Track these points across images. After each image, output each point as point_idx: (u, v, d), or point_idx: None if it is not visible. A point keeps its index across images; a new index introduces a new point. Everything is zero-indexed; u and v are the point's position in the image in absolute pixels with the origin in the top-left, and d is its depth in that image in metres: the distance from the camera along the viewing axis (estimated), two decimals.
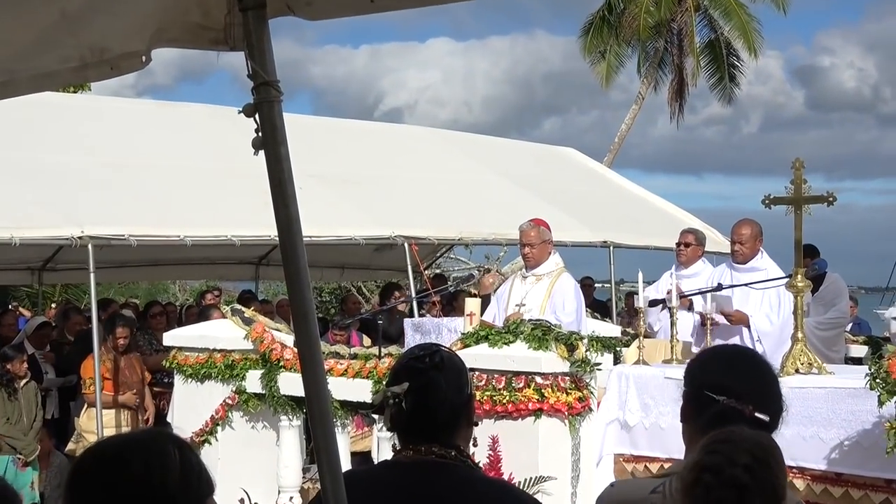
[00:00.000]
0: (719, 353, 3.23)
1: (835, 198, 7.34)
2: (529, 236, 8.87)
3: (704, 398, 2.93)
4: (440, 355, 3.07)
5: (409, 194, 14.42)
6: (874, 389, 6.18)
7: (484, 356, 7.51)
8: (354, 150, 15.56)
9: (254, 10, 2.98)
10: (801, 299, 7.44)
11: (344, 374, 8.31)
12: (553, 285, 8.75)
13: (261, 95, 3.04)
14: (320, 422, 3.26)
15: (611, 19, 29.42)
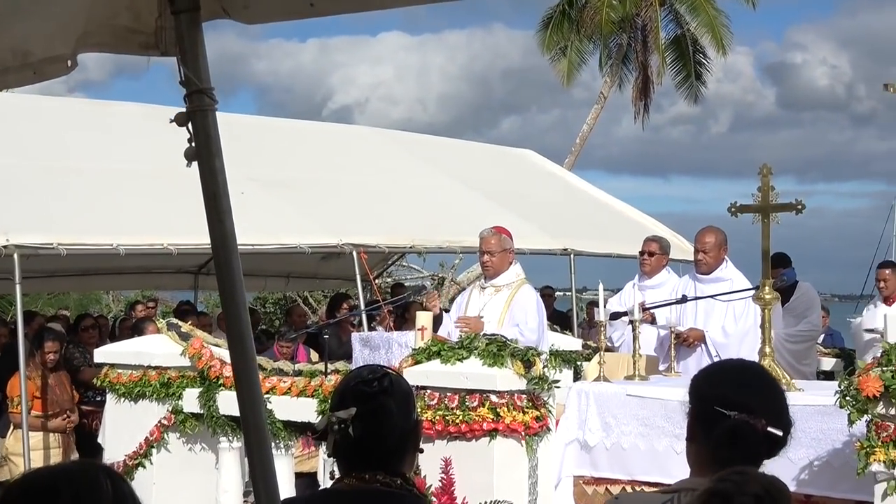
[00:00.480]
0: (727, 367, 3.26)
1: (803, 206, 7.42)
2: (490, 244, 8.88)
3: (714, 414, 2.94)
4: (389, 378, 3.07)
5: (358, 199, 14.38)
6: (844, 408, 6.25)
7: (436, 373, 7.52)
8: (300, 152, 15.52)
9: (186, 14, 2.97)
10: (768, 312, 7.51)
11: (287, 393, 8.29)
12: (512, 297, 8.76)
13: (194, 104, 3.03)
14: (257, 450, 3.26)
15: (571, 14, 29.51)
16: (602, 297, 8.75)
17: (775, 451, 2.98)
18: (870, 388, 6.08)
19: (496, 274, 8.89)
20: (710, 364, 3.23)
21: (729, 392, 2.99)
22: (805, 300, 11.02)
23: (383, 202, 14.59)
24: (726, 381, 3.06)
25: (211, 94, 2.98)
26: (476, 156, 18.64)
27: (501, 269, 8.88)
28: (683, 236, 16.72)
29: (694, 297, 8.80)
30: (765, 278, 7.54)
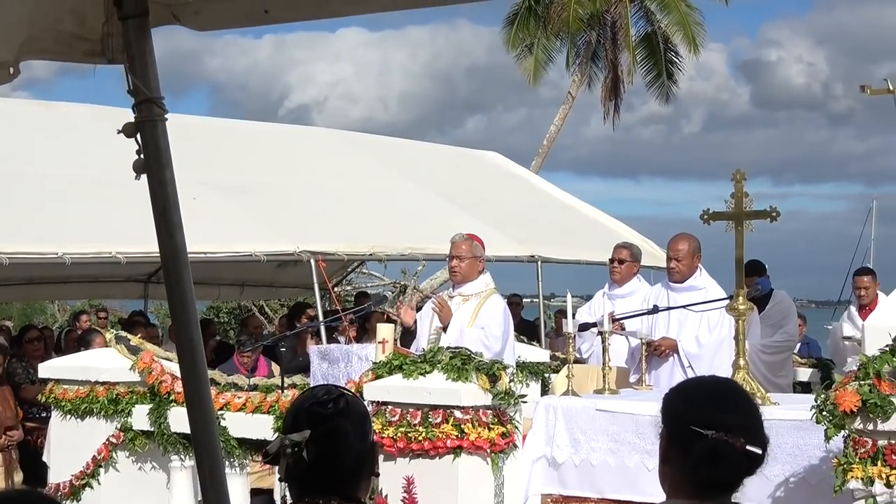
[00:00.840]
0: (700, 384, 3.23)
1: (778, 213, 7.48)
2: (460, 248, 8.90)
3: (690, 435, 2.94)
4: (345, 399, 3.07)
5: (315, 205, 14.37)
6: (820, 423, 6.29)
7: (398, 388, 7.52)
8: (255, 154, 15.48)
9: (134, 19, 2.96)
10: (742, 323, 7.55)
11: (242, 409, 8.26)
12: (480, 307, 8.77)
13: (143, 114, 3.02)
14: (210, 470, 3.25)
15: (538, 10, 29.59)
16: (570, 308, 8.77)
17: (754, 469, 2.99)
18: (847, 402, 6.13)
19: (464, 281, 8.90)
20: (683, 381, 3.22)
21: (705, 411, 2.98)
22: (781, 309, 11.10)
23: (342, 207, 14.57)
24: (701, 400, 3.05)
25: (161, 104, 2.97)
26: (439, 158, 18.66)
27: (470, 276, 8.88)
28: (655, 242, 16.82)
29: (666, 308, 8.84)
30: (739, 288, 7.58)
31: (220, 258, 12.49)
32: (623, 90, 30.82)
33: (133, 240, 11.36)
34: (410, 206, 15.36)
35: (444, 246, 9.30)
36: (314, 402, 3.07)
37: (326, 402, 3.04)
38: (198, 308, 12.70)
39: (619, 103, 30.86)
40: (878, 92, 7.56)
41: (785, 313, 11.15)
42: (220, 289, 18.05)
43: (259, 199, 13.90)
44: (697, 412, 2.98)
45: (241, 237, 12.67)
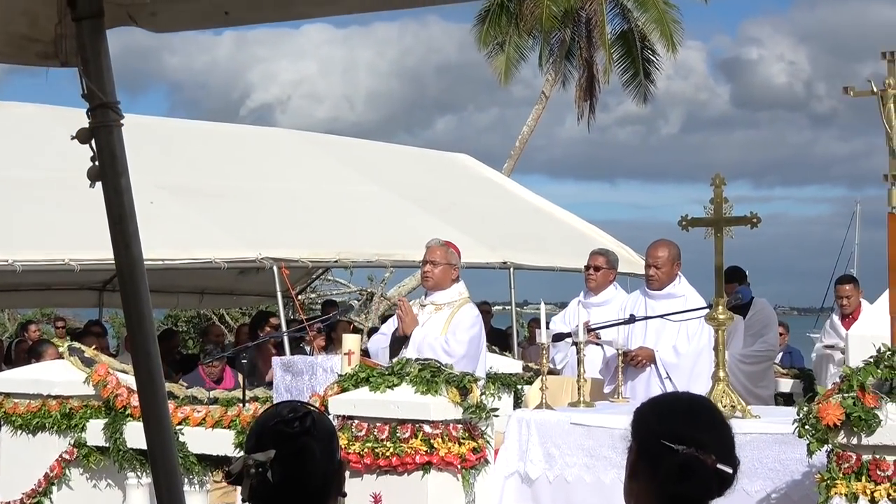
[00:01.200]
0: (673, 399, 3.26)
1: (758, 219, 7.51)
2: (434, 253, 8.90)
3: (661, 449, 2.95)
4: (311, 418, 3.06)
5: (278, 209, 14.34)
6: (803, 437, 6.32)
7: (364, 402, 7.51)
8: (215, 157, 15.44)
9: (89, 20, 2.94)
10: (722, 334, 7.58)
11: (201, 424, 8.24)
12: (453, 317, 8.78)
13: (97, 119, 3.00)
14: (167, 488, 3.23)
15: (510, 6, 29.64)
16: (543, 317, 8.78)
17: (723, 490, 3.00)
18: (830, 416, 6.15)
19: (436, 287, 8.90)
20: (656, 396, 3.24)
21: (677, 426, 3.00)
22: (761, 318, 11.15)
23: (306, 212, 14.55)
24: (674, 414, 3.07)
25: (116, 109, 2.96)
26: (407, 161, 18.66)
27: (442, 283, 8.89)
28: (632, 247, 16.87)
29: (643, 317, 8.86)
30: (718, 297, 7.61)
31: (179, 265, 12.45)
32: (598, 90, 30.91)
33: (87, 246, 11.31)
34: (377, 210, 15.34)
35: (413, 252, 9.32)
36: (279, 420, 3.05)
37: (292, 421, 3.03)
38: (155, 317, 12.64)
39: (594, 103, 30.95)
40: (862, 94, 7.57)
41: (765, 322, 11.21)
42: (179, 297, 18.01)
43: (219, 204, 13.87)
44: (669, 426, 3.00)
45: (200, 243, 12.63)
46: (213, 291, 18.11)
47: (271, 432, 3.04)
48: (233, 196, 14.27)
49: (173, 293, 17.35)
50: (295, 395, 8.67)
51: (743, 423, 7.24)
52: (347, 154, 17.56)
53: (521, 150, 29.71)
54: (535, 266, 15.95)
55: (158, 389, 3.16)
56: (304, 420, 3.04)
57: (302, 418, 3.04)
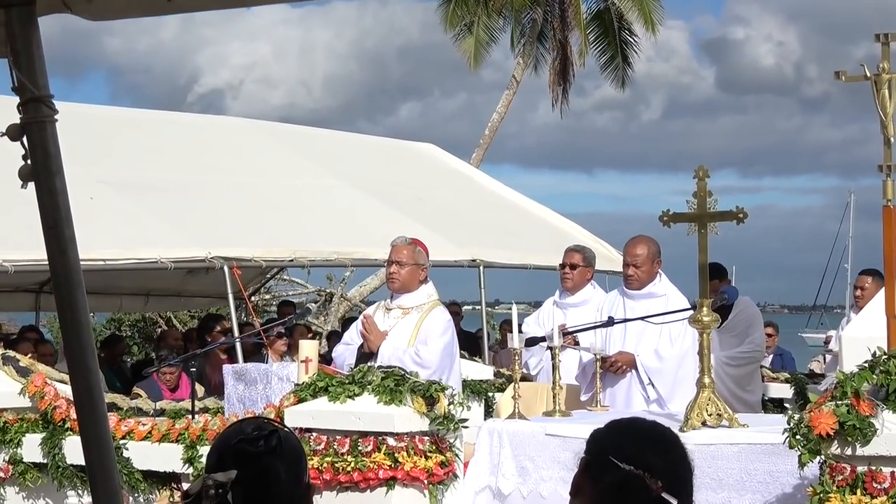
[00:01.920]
0: (634, 420, 3.30)
1: (745, 214, 7.54)
2: (401, 253, 8.87)
3: (606, 464, 3.01)
4: (277, 437, 3.04)
5: (229, 204, 14.30)
6: (794, 448, 6.34)
7: (323, 413, 7.50)
8: (160, 148, 15.38)
9: (18, 7, 2.92)
10: (707, 337, 7.60)
11: (147, 438, 8.22)
12: (422, 322, 8.75)
13: (29, 114, 2.98)
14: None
15: None
16: (515, 320, 8.79)
17: None
18: (822, 425, 6.17)
19: (402, 289, 8.88)
20: (620, 418, 3.27)
21: (630, 446, 3.06)
22: (745, 317, 11.18)
23: (260, 207, 14.52)
24: (629, 435, 3.13)
25: (50, 104, 2.94)
26: (369, 151, 18.65)
27: (410, 285, 8.87)
28: (611, 243, 16.92)
29: (622, 320, 8.87)
30: (703, 297, 7.63)
31: (122, 265, 12.39)
32: (573, 73, 30.93)
33: (22, 246, 11.23)
34: (336, 205, 15.33)
35: (375, 250, 9.32)
36: (242, 438, 3.03)
37: (256, 440, 3.02)
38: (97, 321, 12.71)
39: (568, 88, 30.96)
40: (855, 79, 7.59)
41: (750, 321, 11.24)
42: (122, 299, 17.93)
43: (165, 199, 13.81)
44: (621, 445, 3.07)
45: (145, 241, 12.58)
46: (159, 293, 18.03)
47: (233, 451, 3.02)
48: (180, 191, 14.22)
49: (116, 296, 17.28)
50: (248, 406, 8.67)
51: (730, 432, 7.27)
52: (304, 144, 17.53)
53: (491, 139, 29.69)
54: (506, 264, 15.97)
55: (98, 405, 3.15)
56: (269, 439, 3.02)
57: (267, 437, 3.02)
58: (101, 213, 12.04)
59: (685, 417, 7.41)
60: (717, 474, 6.94)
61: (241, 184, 15.07)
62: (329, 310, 25.30)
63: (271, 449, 3.01)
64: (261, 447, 3.00)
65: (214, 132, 16.94)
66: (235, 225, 13.78)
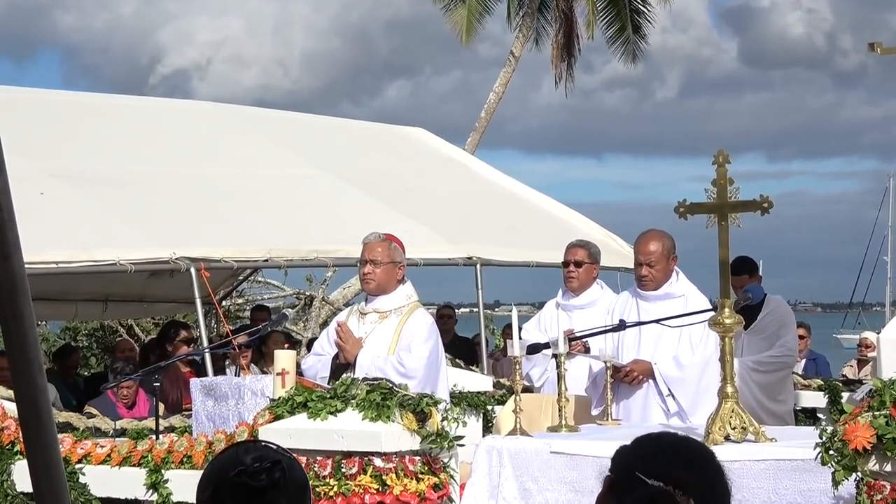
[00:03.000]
0: (661, 435, 3.34)
1: (770, 203, 7.53)
2: (375, 251, 8.88)
3: (633, 481, 3.02)
4: (280, 468, 3.00)
5: (196, 199, 14.29)
6: (827, 464, 6.34)
7: (303, 431, 7.49)
8: (119, 137, 15.36)
9: None
10: (729, 341, 7.60)
11: (106, 461, 8.21)
12: (402, 326, 8.76)
13: None
14: None
15: None
16: (516, 324, 8.78)
17: None
18: (858, 439, 6.18)
19: (379, 291, 8.90)
20: (648, 433, 3.29)
21: (658, 461, 3.08)
22: (776, 318, 11.19)
23: (230, 202, 14.51)
24: (655, 449, 3.15)
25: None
26: (352, 137, 18.62)
27: (387, 286, 8.88)
28: (623, 237, 16.91)
29: (635, 323, 8.88)
30: (724, 297, 7.63)
31: (77, 268, 12.36)
32: (579, 47, 30.88)
33: None
34: (316, 198, 15.32)
35: (359, 247, 9.29)
36: (242, 470, 2.98)
37: (258, 473, 2.96)
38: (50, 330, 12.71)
39: (573, 64, 30.91)
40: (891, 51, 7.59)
41: (781, 322, 11.25)
42: (78, 306, 17.90)
43: (125, 194, 13.80)
44: (649, 461, 3.09)
45: (102, 241, 12.55)
46: (118, 299, 17.99)
47: (231, 485, 2.97)
48: (141, 184, 14.20)
49: (71, 302, 17.26)
50: (219, 424, 8.66)
51: (756, 448, 7.28)
52: (280, 130, 17.51)
53: (488, 122, 29.65)
54: (506, 261, 15.95)
55: (46, 427, 3.13)
56: (272, 471, 2.98)
57: (269, 469, 2.97)
58: (53, 209, 12.02)
59: (706, 431, 7.42)
60: (741, 494, 6.93)
61: (209, 176, 15.06)
62: (309, 315, 25.27)
63: (274, 482, 2.96)
64: (263, 481, 2.96)
65: (180, 118, 16.91)
66: (203, 222, 13.77)
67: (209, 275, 12.52)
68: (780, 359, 11.08)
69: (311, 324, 24.52)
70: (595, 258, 10.32)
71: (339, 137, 18.34)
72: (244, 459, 3.00)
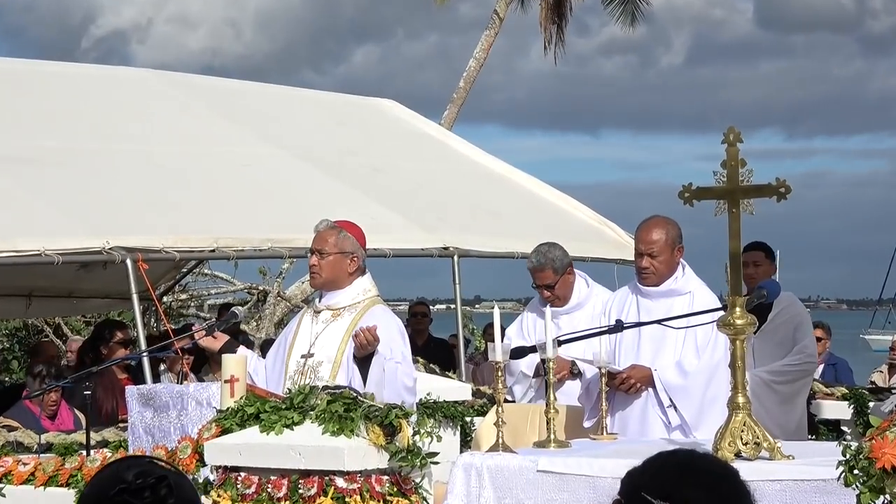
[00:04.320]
0: (672, 452, 3.40)
1: (788, 188, 7.52)
2: (322, 241, 8.90)
3: (638, 502, 3.13)
4: (167, 484, 3.04)
5: (133, 181, 14.28)
6: (851, 485, 6.36)
7: (254, 447, 7.49)
8: (45, 110, 15.36)
9: None
10: (741, 344, 7.59)
11: (29, 481, 8.20)
12: (355, 325, 8.76)
13: None
14: None
15: None
16: (498, 325, 8.78)
17: None
18: (887, 456, 6.19)
19: (327, 286, 8.94)
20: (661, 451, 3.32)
21: (665, 480, 3.17)
22: (789, 318, 11.17)
23: (173, 184, 14.51)
24: (664, 468, 3.23)
25: None
26: (313, 110, 18.63)
27: (337, 280, 8.90)
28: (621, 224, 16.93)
29: (634, 324, 8.89)
30: (734, 294, 7.61)
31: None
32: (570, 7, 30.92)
33: None
34: (272, 179, 15.34)
35: None
36: (123, 488, 3.03)
37: (140, 490, 3.01)
38: None
39: (564, 26, 30.97)
40: None
41: (797, 323, 11.21)
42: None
43: (51, 175, 13.80)
44: (656, 479, 3.17)
45: (25, 229, 12.56)
46: (44, 294, 17.98)
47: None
48: (70, 164, 14.20)
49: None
50: (158, 439, 8.66)
51: (772, 466, 7.29)
52: (231, 102, 17.52)
53: (468, 92, 29.66)
54: (488, 252, 15.94)
55: None
56: (156, 488, 3.02)
57: (154, 486, 3.02)
58: None
59: (714, 447, 7.42)
60: None
61: (149, 154, 15.03)
62: (262, 312, 25.27)
63: (160, 500, 3.00)
64: (147, 499, 3.00)
65: (115, 88, 16.86)
66: (141, 207, 13.75)
67: (147, 267, 12.51)
68: (799, 366, 11.05)
69: (266, 323, 24.53)
70: (562, 267, 10.27)
71: (298, 110, 18.33)
72: (125, 476, 3.04)
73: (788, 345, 11.00)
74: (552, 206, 17.49)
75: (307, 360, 8.81)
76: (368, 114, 19.41)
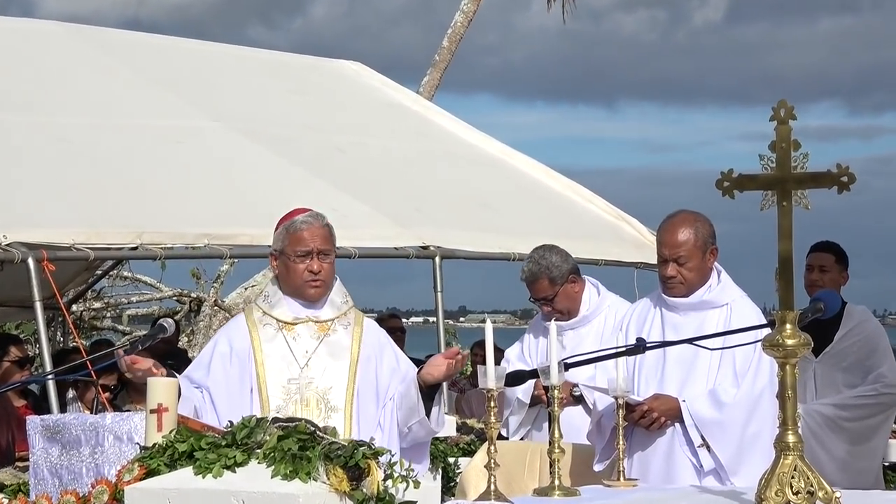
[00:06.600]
0: None
1: (852, 176, 7.51)
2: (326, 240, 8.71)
3: None
4: None
5: (35, 162, 14.30)
6: None
7: (187, 493, 7.50)
8: None
9: None
10: (791, 370, 7.60)
11: None
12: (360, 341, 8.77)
13: None
14: None
15: None
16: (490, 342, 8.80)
17: None
18: None
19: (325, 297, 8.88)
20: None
21: None
22: (862, 338, 11.14)
23: (86, 166, 14.52)
24: None
25: None
26: (262, 74, 18.66)
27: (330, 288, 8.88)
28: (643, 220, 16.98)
29: (658, 344, 8.90)
30: (786, 308, 7.62)
31: None
32: None
33: None
34: (209, 159, 15.36)
35: (267, 231, 9.29)
36: None
37: None
38: None
39: None
40: None
41: (871, 345, 11.15)
42: None
43: None
44: None
45: None
46: None
47: None
48: None
49: None
50: (67, 482, 8.68)
51: None
52: (159, 64, 17.56)
53: (454, 54, 29.70)
54: (477, 253, 15.95)
55: None
56: None
57: None
58: None
59: (757, 497, 7.45)
60: None
61: (55, 127, 15.05)
62: (196, 325, 25.30)
63: None
64: None
65: (14, 44, 16.89)
66: (46, 194, 13.77)
67: (54, 268, 12.54)
68: (875, 398, 10.98)
69: (199, 337, 24.54)
70: (561, 276, 10.34)
71: (244, 74, 18.37)
72: None
73: (860, 371, 10.94)
74: (557, 195, 17.52)
75: (303, 385, 8.77)
76: (330, 79, 19.46)
